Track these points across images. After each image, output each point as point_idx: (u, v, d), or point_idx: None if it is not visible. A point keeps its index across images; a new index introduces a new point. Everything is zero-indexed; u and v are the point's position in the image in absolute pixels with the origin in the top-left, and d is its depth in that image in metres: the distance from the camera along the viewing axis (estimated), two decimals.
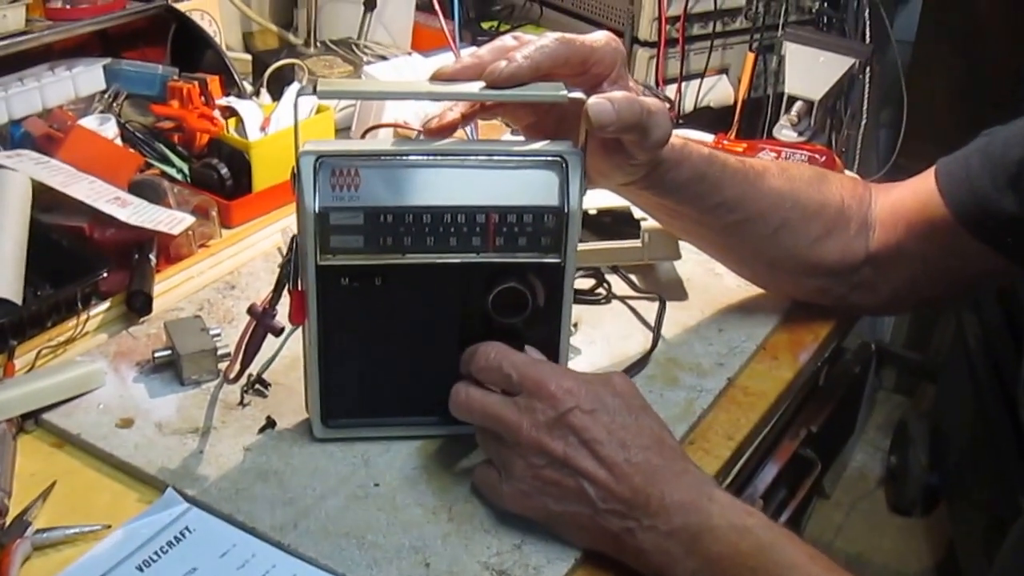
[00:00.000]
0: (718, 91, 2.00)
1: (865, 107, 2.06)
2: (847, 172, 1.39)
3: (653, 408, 0.87)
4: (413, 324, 0.90)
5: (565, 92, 0.86)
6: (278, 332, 0.92)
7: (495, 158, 0.87)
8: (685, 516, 0.80)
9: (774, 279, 1.14)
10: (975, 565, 2.09)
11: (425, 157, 0.86)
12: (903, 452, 2.65)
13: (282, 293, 0.90)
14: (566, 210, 0.86)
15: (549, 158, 0.87)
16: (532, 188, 0.86)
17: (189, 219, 1.17)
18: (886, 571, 2.52)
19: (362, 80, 1.56)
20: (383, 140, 1.34)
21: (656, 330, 1.12)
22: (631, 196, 1.04)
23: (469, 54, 0.90)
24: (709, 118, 1.95)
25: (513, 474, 0.84)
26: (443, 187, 0.85)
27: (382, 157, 0.85)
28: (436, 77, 0.89)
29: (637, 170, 0.93)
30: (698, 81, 1.96)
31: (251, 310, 0.92)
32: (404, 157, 0.86)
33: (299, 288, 0.88)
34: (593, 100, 0.85)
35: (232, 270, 1.20)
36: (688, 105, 1.95)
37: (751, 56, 1.95)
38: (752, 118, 2.01)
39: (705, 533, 0.80)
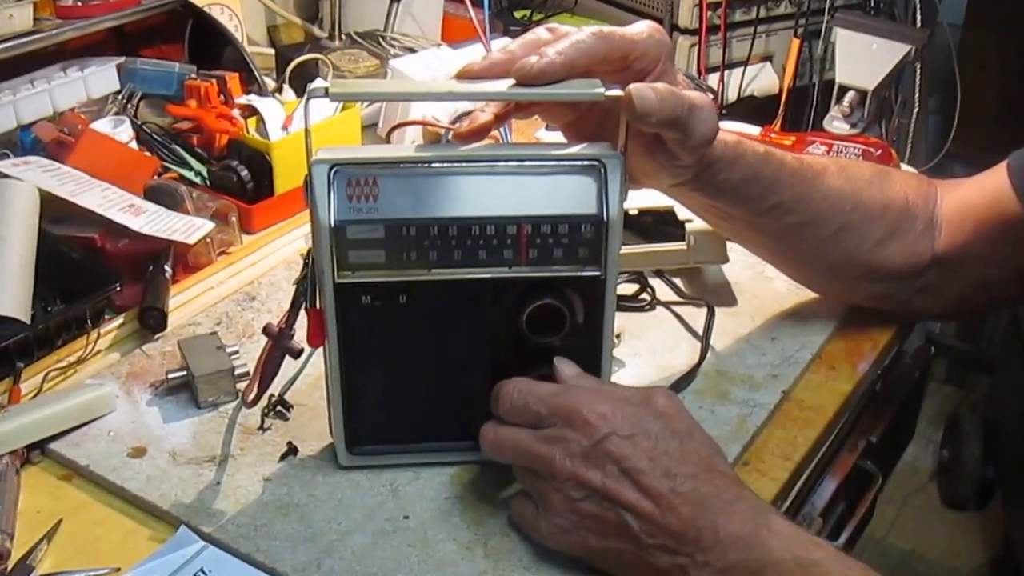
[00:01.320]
0: (762, 80, 1.96)
1: (917, 95, 1.98)
2: (902, 165, 1.32)
3: (703, 426, 0.81)
4: (441, 344, 0.84)
5: (602, 90, 0.79)
6: (296, 354, 0.86)
7: (527, 163, 0.80)
8: (744, 550, 0.73)
9: (833, 284, 1.07)
10: None
11: (450, 164, 0.79)
12: (956, 445, 2.60)
13: (299, 312, 0.83)
14: (605, 219, 0.79)
15: (586, 163, 0.80)
16: (567, 195, 0.79)
17: (207, 226, 1.11)
18: (940, 567, 2.48)
19: (380, 80, 1.50)
20: (405, 145, 1.27)
21: (705, 340, 1.05)
22: (680, 197, 0.98)
23: (499, 49, 0.83)
24: (753, 107, 1.90)
25: (550, 508, 0.78)
26: (470, 196, 0.79)
27: (402, 164, 0.79)
28: (462, 75, 0.82)
29: (685, 171, 0.87)
30: (741, 69, 1.90)
31: (267, 330, 0.85)
32: (426, 164, 0.79)
33: (316, 307, 0.81)
34: (636, 86, 0.78)
35: (252, 280, 1.14)
36: (731, 94, 1.90)
37: (796, 43, 1.89)
38: (798, 107, 1.95)
39: (767, 569, 0.73)
